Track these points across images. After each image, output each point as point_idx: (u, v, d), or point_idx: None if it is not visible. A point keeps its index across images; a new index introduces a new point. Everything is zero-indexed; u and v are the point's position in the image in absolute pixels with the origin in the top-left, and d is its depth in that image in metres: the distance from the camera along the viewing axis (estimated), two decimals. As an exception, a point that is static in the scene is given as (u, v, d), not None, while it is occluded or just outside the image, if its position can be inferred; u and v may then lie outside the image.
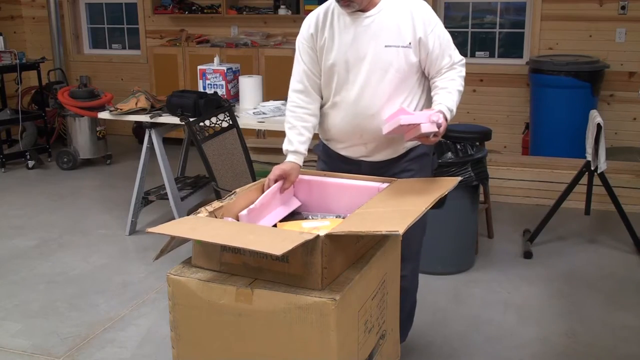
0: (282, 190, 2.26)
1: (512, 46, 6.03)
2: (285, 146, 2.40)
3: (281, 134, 2.56)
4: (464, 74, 2.39)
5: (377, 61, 2.29)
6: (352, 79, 2.32)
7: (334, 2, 2.36)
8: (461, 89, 2.36)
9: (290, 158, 2.35)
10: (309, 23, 2.41)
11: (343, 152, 2.48)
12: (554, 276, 3.62)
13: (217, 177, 3.22)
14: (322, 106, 2.48)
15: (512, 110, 5.91)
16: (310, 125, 2.43)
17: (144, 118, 4.16)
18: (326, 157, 2.55)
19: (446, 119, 2.20)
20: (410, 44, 2.29)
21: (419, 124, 2.09)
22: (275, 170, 2.26)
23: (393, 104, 2.31)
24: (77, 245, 4.17)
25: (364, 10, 2.30)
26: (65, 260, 3.93)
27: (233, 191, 2.09)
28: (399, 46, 2.29)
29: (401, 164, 2.45)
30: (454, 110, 2.31)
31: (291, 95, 2.45)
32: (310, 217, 2.24)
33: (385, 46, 2.28)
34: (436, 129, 2.12)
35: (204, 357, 1.83)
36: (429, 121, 2.09)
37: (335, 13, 2.35)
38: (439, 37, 2.32)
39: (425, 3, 2.37)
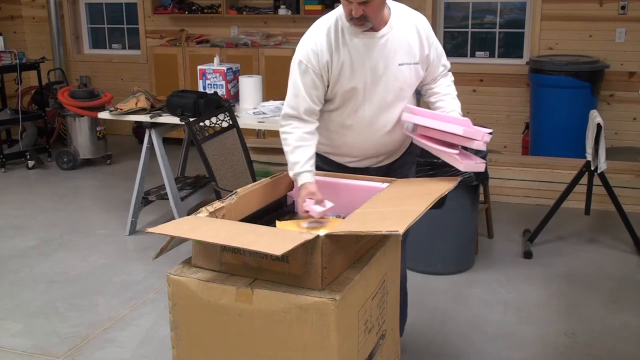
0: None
1: (512, 46, 6.03)
2: (296, 169, 2.18)
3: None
4: (453, 77, 2.53)
5: (393, 80, 2.29)
6: (369, 99, 2.29)
7: (337, 20, 2.24)
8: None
9: (306, 178, 2.17)
10: (319, 49, 2.21)
11: (351, 165, 2.45)
12: (554, 276, 3.62)
13: (217, 177, 3.21)
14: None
15: (512, 110, 5.91)
16: (314, 143, 2.26)
17: (144, 118, 4.17)
18: (325, 166, 2.46)
19: None
20: (418, 60, 2.33)
21: (472, 140, 2.11)
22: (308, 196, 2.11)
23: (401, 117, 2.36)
24: (77, 245, 4.17)
25: (375, 29, 2.24)
26: (65, 260, 3.92)
27: (234, 191, 2.09)
28: (410, 63, 2.31)
29: (401, 158, 2.53)
30: None
31: (289, 119, 2.25)
32: (310, 217, 2.23)
33: (399, 65, 2.29)
34: (484, 149, 2.17)
35: (204, 357, 1.83)
36: (483, 140, 2.10)
37: (345, 33, 2.22)
38: (436, 49, 2.41)
39: (423, 16, 2.40)
